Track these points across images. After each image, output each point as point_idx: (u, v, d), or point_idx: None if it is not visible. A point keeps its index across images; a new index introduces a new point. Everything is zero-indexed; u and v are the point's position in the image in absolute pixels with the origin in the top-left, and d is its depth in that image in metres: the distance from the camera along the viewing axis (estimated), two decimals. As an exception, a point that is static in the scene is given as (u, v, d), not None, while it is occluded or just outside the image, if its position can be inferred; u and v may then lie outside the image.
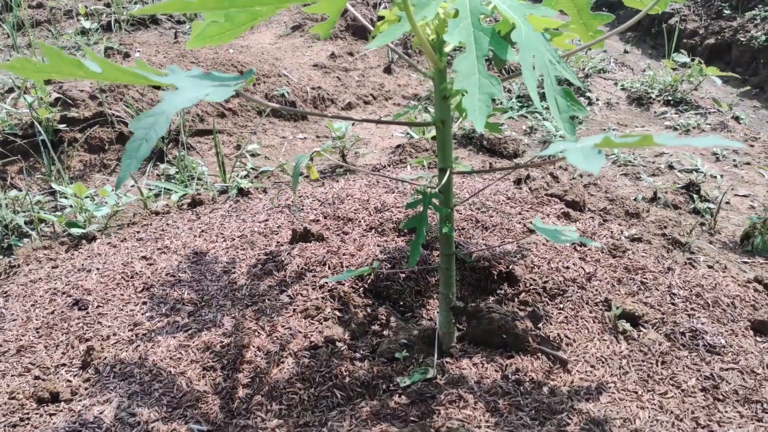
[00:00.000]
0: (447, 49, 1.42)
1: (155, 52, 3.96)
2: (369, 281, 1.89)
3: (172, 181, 3.01)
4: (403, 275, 1.90)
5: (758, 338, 1.77)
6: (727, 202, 2.92)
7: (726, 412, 1.51)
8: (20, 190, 2.89)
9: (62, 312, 1.87)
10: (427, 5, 1.28)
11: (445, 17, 1.36)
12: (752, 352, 1.69)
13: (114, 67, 1.16)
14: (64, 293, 1.96)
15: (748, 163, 3.34)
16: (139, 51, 4.05)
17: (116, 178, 2.91)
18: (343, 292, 1.85)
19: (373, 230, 2.15)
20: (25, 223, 2.63)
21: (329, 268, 1.94)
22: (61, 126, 3.21)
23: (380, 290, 1.88)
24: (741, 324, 1.80)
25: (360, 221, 2.19)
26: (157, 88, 3.54)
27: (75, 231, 2.33)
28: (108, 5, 5.35)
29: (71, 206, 2.58)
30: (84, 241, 2.34)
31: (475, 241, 2.05)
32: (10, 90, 3.63)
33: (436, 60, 1.37)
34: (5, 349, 1.76)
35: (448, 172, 1.50)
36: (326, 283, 1.88)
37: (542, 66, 1.22)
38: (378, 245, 2.05)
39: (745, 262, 2.31)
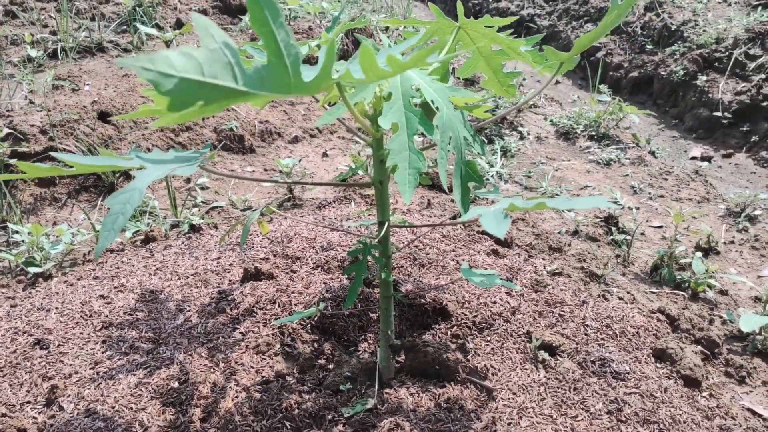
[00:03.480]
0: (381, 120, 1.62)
1: (104, 86, 4.05)
2: (316, 318, 2.07)
3: (124, 215, 3.11)
4: (347, 312, 2.09)
5: (658, 364, 2.02)
6: (642, 233, 3.21)
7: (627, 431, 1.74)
8: (-29, 226, 2.95)
9: (24, 351, 1.98)
10: (365, 88, 1.49)
11: (380, 95, 1.56)
12: (652, 377, 1.94)
13: (85, 162, 1.31)
14: (25, 332, 2.07)
15: (662, 196, 3.67)
16: (88, 84, 4.13)
17: (65, 224, 3.01)
18: (291, 329, 2.02)
19: (320, 268, 2.33)
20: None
21: (279, 306, 2.11)
22: (12, 160, 3.28)
23: (326, 326, 2.06)
24: (644, 351, 2.05)
25: (307, 259, 2.37)
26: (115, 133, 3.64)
27: (32, 269, 2.42)
28: (54, 33, 5.37)
29: (23, 242, 2.66)
30: (41, 279, 2.44)
31: (412, 279, 2.25)
32: (-43, 123, 3.67)
33: (374, 132, 1.57)
34: (-31, 388, 1.86)
35: (386, 225, 1.70)
36: (276, 320, 2.05)
37: (456, 143, 1.44)
38: (324, 282, 2.23)
39: (653, 292, 2.58)
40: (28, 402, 1.81)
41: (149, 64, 0.75)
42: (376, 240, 1.71)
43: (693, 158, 4.61)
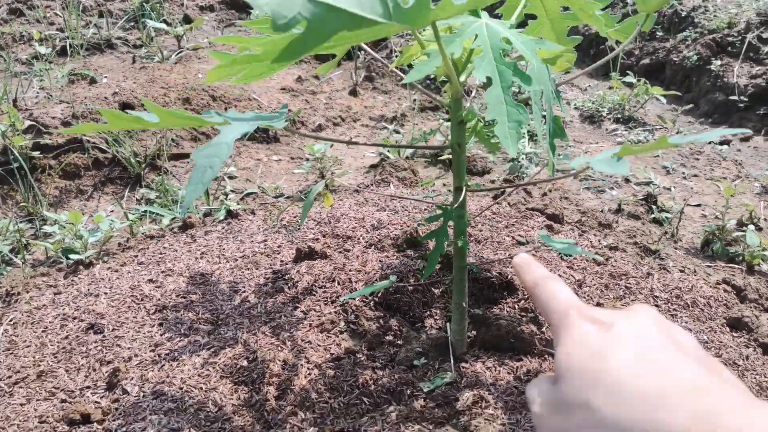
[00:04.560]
0: (461, 78, 1.56)
1: (123, 78, 3.97)
2: (379, 294, 2.00)
3: (153, 205, 3.03)
4: (411, 288, 2.02)
5: (734, 334, 1.96)
6: (681, 212, 3.16)
7: (716, 399, 1.68)
8: (-1, 218, 2.86)
9: (77, 336, 1.90)
10: (453, 42, 1.42)
11: (464, 53, 1.50)
12: (731, 346, 1.88)
13: (169, 114, 1.24)
14: (75, 318, 1.98)
15: (695, 175, 3.62)
16: (106, 77, 4.05)
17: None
18: (354, 306, 1.94)
19: (373, 246, 2.26)
20: (10, 251, 2.62)
21: (338, 283, 2.04)
22: (35, 153, 3.19)
23: (390, 303, 1.99)
24: (718, 321, 1.99)
25: (359, 238, 2.30)
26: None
27: (73, 257, 2.34)
28: (61, 30, 5.28)
29: (55, 233, 2.58)
30: (81, 267, 2.36)
31: (471, 254, 2.19)
32: (-24, 117, 3.57)
33: (458, 89, 1.50)
34: (24, 375, 1.78)
35: (464, 190, 1.63)
36: (337, 297, 1.98)
37: (547, 96, 1.38)
38: (380, 260, 2.16)
39: (709, 266, 2.53)
40: (88, 387, 1.73)
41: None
42: (455, 205, 1.64)
43: (711, 142, 4.57)
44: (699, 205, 3.27)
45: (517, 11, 1.72)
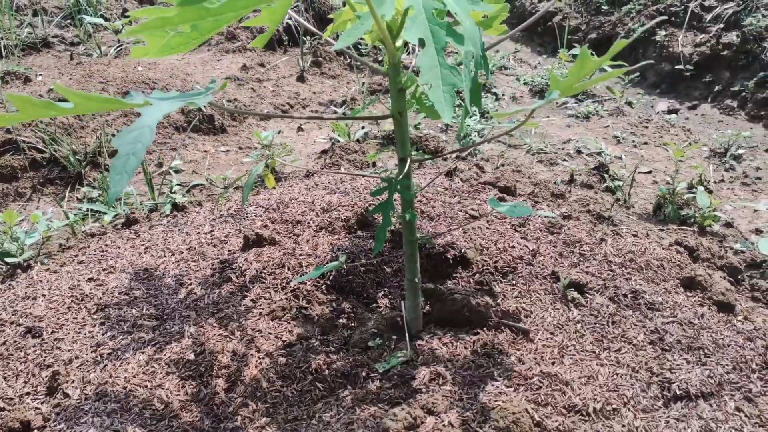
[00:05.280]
0: (397, 43, 1.50)
1: (59, 75, 3.81)
2: (330, 277, 1.94)
3: (96, 203, 2.92)
4: (363, 269, 1.96)
5: (688, 293, 1.96)
6: (632, 179, 3.17)
7: (674, 360, 1.67)
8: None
9: (15, 342, 1.79)
10: (384, 3, 1.35)
11: (398, 15, 1.44)
12: (686, 306, 1.88)
13: (86, 98, 1.15)
14: (12, 323, 1.87)
15: (645, 143, 3.64)
16: (40, 75, 3.88)
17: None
18: (306, 291, 1.88)
19: (323, 230, 2.19)
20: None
21: (288, 269, 1.97)
22: (-33, 157, 3.04)
23: (342, 285, 1.93)
24: (672, 282, 1.99)
25: (309, 222, 2.23)
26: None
27: (10, 260, 2.22)
28: (-6, 29, 5.06)
29: (-6, 236, 2.45)
30: (19, 270, 2.24)
31: (424, 230, 2.14)
32: None
33: (394, 53, 1.45)
34: (-43, 386, 1.67)
35: (408, 161, 1.58)
36: (287, 284, 1.91)
37: (477, 59, 1.34)
38: (331, 243, 2.10)
39: (662, 230, 2.53)
40: (28, 393, 1.63)
41: None
42: (399, 177, 1.58)
43: (660, 112, 4.62)
44: (650, 172, 3.28)
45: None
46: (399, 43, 1.50)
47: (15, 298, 2.01)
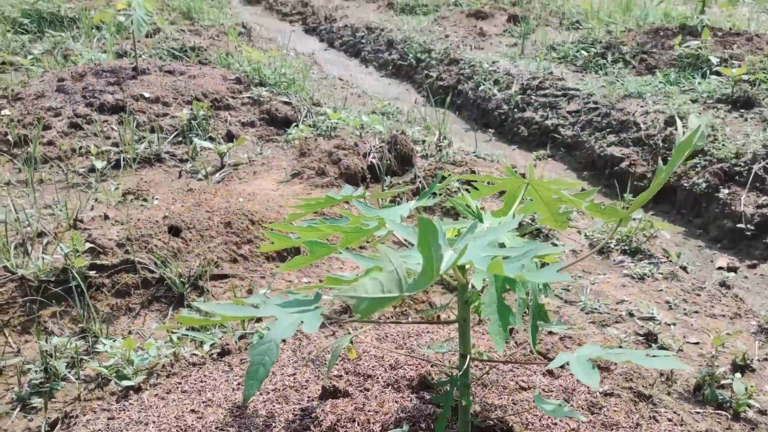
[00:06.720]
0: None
1: (172, 200, 4.40)
2: (393, 438, 2.27)
3: (196, 331, 3.36)
4: (422, 432, 2.28)
5: (711, 488, 2.18)
6: (680, 350, 3.40)
7: None
8: (56, 335, 3.21)
9: (130, 464, 2.18)
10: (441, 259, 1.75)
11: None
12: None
13: (226, 313, 1.57)
14: (128, 446, 2.27)
15: (696, 312, 3.87)
16: (157, 198, 4.49)
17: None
18: (371, 448, 2.21)
19: (390, 387, 2.54)
20: (65, 366, 2.94)
21: (358, 424, 2.31)
22: (91, 272, 3.57)
23: (403, 446, 2.25)
24: (697, 475, 2.21)
25: (378, 378, 2.58)
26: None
27: (125, 383, 2.65)
28: (116, 144, 5.81)
29: (108, 352, 2.90)
30: (131, 392, 2.66)
31: (477, 399, 2.45)
32: (41, 234, 4.00)
33: (462, 280, 1.83)
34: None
35: (468, 358, 1.93)
36: (357, 437, 2.25)
37: (534, 289, 1.71)
38: (396, 401, 2.43)
39: (698, 412, 2.75)
40: None
41: (353, 292, 1.03)
42: (459, 372, 1.93)
43: (720, 268, 4.83)
44: (698, 344, 3.50)
45: (515, 205, 2.07)
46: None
47: (130, 421, 2.42)
